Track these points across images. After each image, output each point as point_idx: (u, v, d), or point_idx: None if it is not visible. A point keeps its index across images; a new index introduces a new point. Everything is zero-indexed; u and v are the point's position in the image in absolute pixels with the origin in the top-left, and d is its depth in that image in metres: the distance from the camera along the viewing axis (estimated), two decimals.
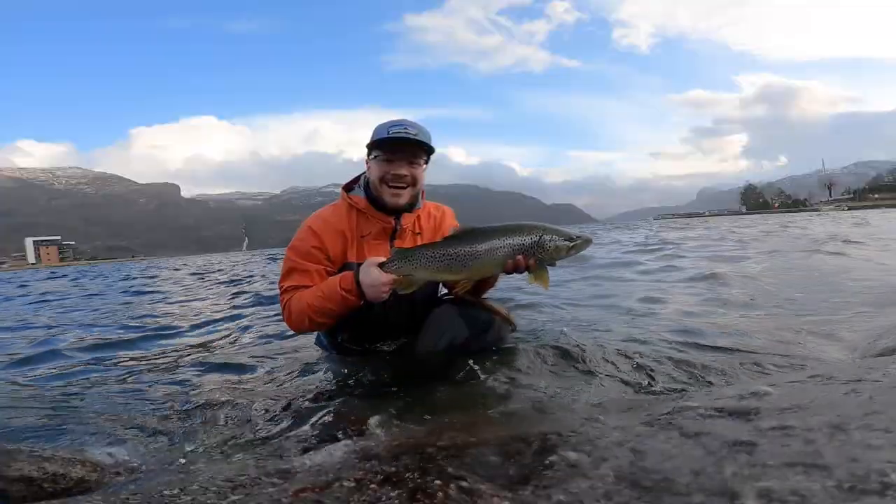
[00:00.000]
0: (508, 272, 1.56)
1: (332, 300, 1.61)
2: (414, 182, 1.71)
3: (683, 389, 1.65)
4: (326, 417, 1.66)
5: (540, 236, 1.52)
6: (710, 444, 0.74)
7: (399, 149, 1.67)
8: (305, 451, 1.40)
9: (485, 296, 1.90)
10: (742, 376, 1.69)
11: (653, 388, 1.64)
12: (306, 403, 1.80)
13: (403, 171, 1.68)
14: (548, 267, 1.56)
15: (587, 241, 1.58)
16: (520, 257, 1.51)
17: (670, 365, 1.83)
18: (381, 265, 1.55)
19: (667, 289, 3.91)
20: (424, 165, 1.75)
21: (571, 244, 1.54)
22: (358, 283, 1.57)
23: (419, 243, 1.72)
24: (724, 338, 2.17)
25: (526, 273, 1.55)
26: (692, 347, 2.05)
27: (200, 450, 1.47)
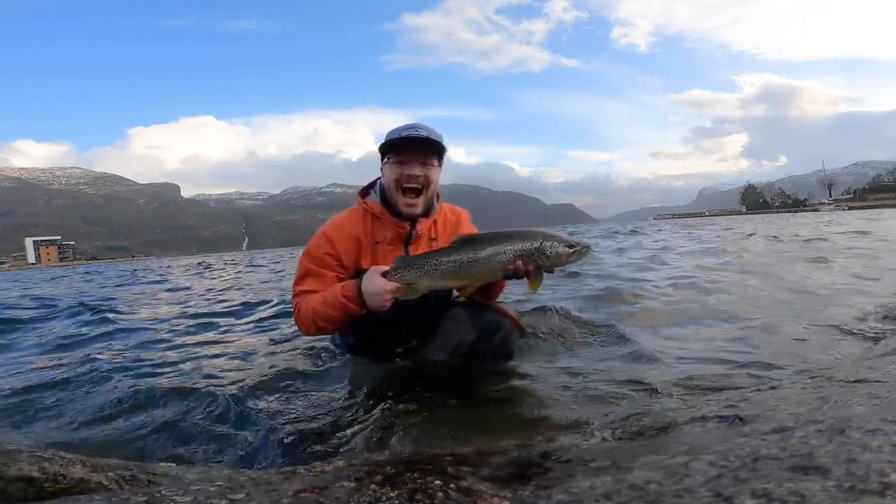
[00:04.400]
0: (508, 277, 1.58)
1: (334, 307, 1.64)
2: (427, 183, 1.72)
3: (682, 393, 1.65)
4: (327, 419, 1.66)
5: (541, 242, 1.55)
6: (709, 447, 0.74)
7: (410, 149, 1.68)
8: (305, 452, 1.40)
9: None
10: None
11: (655, 392, 1.64)
12: (307, 405, 1.80)
13: (416, 171, 1.69)
14: (545, 273, 1.59)
15: (587, 249, 1.60)
16: (520, 262, 1.54)
17: (676, 371, 1.83)
18: (384, 273, 1.58)
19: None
20: (438, 167, 1.75)
21: (572, 251, 1.57)
22: (360, 291, 1.59)
23: (435, 249, 1.75)
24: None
25: (525, 279, 1.57)
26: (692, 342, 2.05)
27: (201, 450, 1.47)
